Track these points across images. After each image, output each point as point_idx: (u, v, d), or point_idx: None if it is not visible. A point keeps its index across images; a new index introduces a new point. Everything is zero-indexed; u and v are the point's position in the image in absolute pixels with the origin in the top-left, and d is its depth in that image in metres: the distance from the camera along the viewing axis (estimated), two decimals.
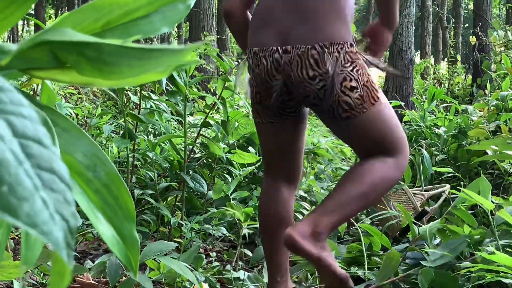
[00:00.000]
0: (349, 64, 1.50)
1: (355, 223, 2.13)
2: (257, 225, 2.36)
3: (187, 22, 14.90)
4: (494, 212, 1.69)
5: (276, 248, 1.68)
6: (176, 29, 21.94)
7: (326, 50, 1.48)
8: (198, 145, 2.84)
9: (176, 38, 16.63)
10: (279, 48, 1.53)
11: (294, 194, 1.75)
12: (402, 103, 4.08)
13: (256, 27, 1.62)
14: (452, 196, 2.56)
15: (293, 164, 1.72)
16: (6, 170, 0.24)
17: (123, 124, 2.43)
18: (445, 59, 17.10)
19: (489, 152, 2.54)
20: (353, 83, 1.50)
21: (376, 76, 13.02)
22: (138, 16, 0.53)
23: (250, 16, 1.71)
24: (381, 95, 1.58)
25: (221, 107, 2.60)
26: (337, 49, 1.49)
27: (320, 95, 1.51)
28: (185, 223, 2.37)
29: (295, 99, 1.59)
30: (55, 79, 0.50)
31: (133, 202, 0.56)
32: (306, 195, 2.94)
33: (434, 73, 11.57)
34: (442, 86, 9.45)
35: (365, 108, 1.52)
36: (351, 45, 1.52)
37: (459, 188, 2.95)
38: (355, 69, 1.51)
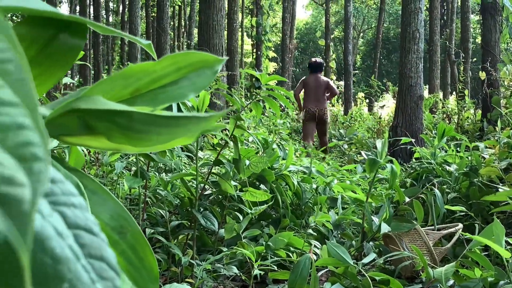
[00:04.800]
0: (327, 112, 7.35)
1: (363, 271, 2.11)
2: (268, 264, 2.36)
3: None
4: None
5: None
6: None
7: (325, 109, 6.93)
8: (209, 182, 2.85)
9: None
10: (315, 108, 7.21)
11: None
12: (413, 140, 4.09)
13: (306, 101, 7.77)
14: (465, 237, 2.54)
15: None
16: (66, 267, 0.25)
17: (135, 160, 2.45)
18: (454, 93, 17.13)
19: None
20: (327, 115, 7.11)
21: (387, 111, 13.02)
22: (166, 83, 0.54)
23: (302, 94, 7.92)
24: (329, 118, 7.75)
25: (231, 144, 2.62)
26: (326, 108, 6.70)
27: (324, 118, 6.52)
28: (196, 262, 2.36)
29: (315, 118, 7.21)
30: (84, 145, 0.52)
31: (156, 260, 0.57)
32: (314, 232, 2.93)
33: (442, 107, 11.58)
34: (451, 120, 9.45)
35: (328, 120, 7.08)
36: (326, 108, 7.72)
37: (472, 227, 2.93)
38: (328, 113, 6.94)
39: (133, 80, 0.53)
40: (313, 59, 8.11)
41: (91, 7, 24.76)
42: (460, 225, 2.72)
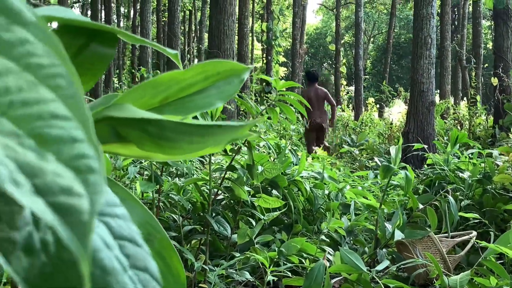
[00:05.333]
0: (326, 121, 7.91)
1: (377, 280, 2.10)
2: (281, 270, 2.35)
3: None
4: None
5: None
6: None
7: (326, 119, 7.71)
8: (222, 187, 2.85)
9: None
10: (319, 119, 7.85)
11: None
12: (425, 146, 4.07)
13: (310, 113, 7.71)
14: (479, 245, 2.53)
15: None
16: (114, 278, 0.26)
17: (147, 164, 2.46)
18: (465, 99, 17.03)
19: None
20: (325, 125, 7.76)
21: (399, 116, 12.98)
22: (194, 91, 0.55)
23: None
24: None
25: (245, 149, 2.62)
26: (327, 119, 7.37)
27: (323, 127, 7.65)
28: (209, 268, 2.36)
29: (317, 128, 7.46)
30: (115, 152, 0.52)
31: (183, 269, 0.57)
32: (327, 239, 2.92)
33: (454, 113, 11.53)
34: (463, 127, 9.40)
35: (325, 129, 7.68)
36: (327, 118, 8.21)
37: (486, 235, 2.91)
38: (326, 123, 7.85)
39: (162, 89, 0.53)
40: (311, 69, 8.64)
41: (103, 11, 24.92)
42: (474, 233, 2.71)
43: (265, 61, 18.61)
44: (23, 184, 0.19)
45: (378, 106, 20.37)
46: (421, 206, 2.93)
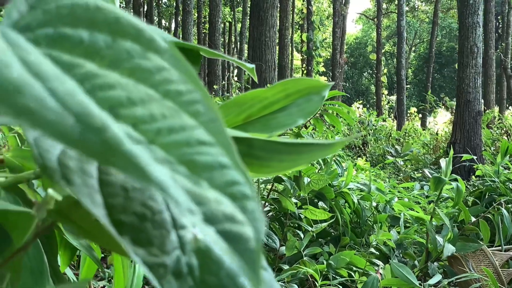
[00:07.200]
0: None
1: None
2: (331, 284, 2.33)
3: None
4: None
5: None
6: (235, 78, 22.43)
7: None
8: (269, 199, 2.85)
9: (238, 88, 17.01)
10: None
11: None
12: (475, 157, 3.98)
13: None
14: None
15: None
16: None
17: None
18: (510, 108, 16.61)
19: None
20: None
21: (442, 127, 12.77)
22: (276, 109, 0.55)
23: None
24: None
25: None
26: None
27: None
28: None
29: None
30: None
31: None
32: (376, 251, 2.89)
33: (499, 122, 11.26)
34: (510, 136, 9.17)
35: None
36: None
37: None
38: None
39: (246, 107, 0.54)
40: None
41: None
42: None
43: (305, 72, 18.62)
44: (195, 212, 0.20)
45: (420, 115, 20.07)
46: (473, 219, 2.87)
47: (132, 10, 20.00)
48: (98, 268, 0.89)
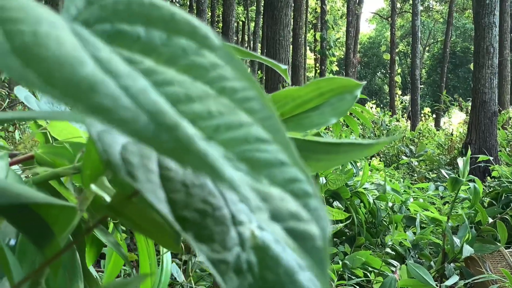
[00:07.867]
0: None
1: None
2: (346, 284, 2.33)
3: (262, 72, 15.20)
4: None
5: None
6: None
7: None
8: None
9: None
10: None
11: None
12: (491, 158, 3.95)
13: None
14: None
15: None
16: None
17: None
18: None
19: None
20: None
21: (456, 127, 12.69)
22: (309, 108, 0.55)
23: None
24: None
25: None
26: None
27: None
28: None
29: None
30: None
31: None
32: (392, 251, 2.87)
33: None
34: None
35: None
36: None
37: None
38: None
39: (279, 106, 0.54)
40: None
41: None
42: None
43: (318, 71, 18.57)
44: (263, 209, 0.20)
45: (434, 116, 19.95)
46: (491, 220, 2.85)
47: None
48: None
